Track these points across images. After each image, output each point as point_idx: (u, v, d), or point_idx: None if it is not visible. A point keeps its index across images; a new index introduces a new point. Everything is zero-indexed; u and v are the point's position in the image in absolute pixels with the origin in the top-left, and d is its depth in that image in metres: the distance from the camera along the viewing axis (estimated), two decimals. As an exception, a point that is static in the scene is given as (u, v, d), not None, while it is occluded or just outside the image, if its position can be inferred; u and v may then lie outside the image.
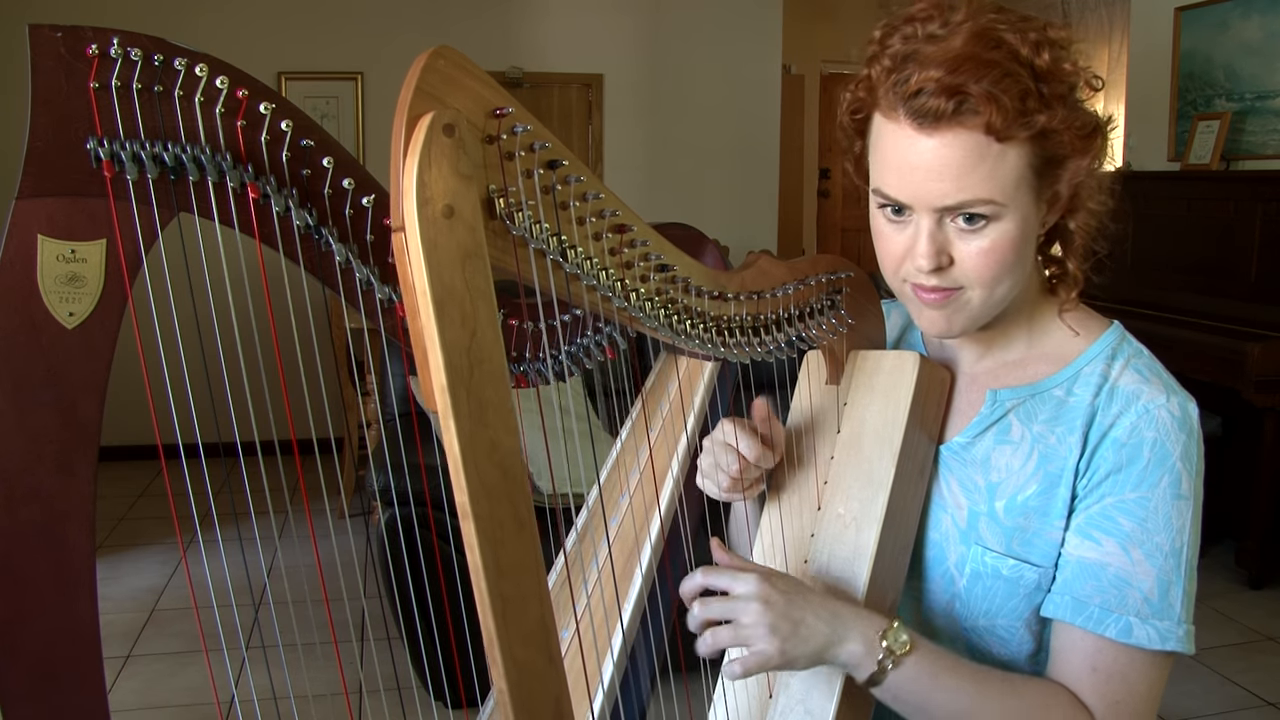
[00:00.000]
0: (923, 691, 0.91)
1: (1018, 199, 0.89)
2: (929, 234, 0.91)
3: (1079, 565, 0.95)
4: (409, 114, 0.69)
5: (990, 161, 0.87)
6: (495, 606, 0.73)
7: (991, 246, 0.91)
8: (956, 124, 0.86)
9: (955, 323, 0.97)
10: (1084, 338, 1.02)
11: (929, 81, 0.85)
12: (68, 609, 0.71)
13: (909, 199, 0.91)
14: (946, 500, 1.05)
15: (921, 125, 0.87)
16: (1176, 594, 0.93)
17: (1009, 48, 0.87)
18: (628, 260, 0.87)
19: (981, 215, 0.89)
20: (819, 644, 0.90)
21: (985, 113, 0.85)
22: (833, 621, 0.90)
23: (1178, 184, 4.47)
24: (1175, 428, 0.94)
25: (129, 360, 0.76)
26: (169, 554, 3.88)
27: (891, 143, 0.91)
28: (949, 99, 0.85)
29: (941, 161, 0.87)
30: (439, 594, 1.19)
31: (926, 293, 0.95)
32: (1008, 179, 0.88)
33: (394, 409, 3.13)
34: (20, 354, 0.69)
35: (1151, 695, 0.94)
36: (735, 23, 5.80)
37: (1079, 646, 0.94)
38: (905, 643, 0.91)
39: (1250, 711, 2.88)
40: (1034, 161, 0.89)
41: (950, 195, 0.89)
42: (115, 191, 0.70)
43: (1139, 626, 0.92)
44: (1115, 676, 0.93)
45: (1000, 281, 0.93)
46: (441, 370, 0.70)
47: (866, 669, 0.90)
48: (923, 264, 0.92)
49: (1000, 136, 0.86)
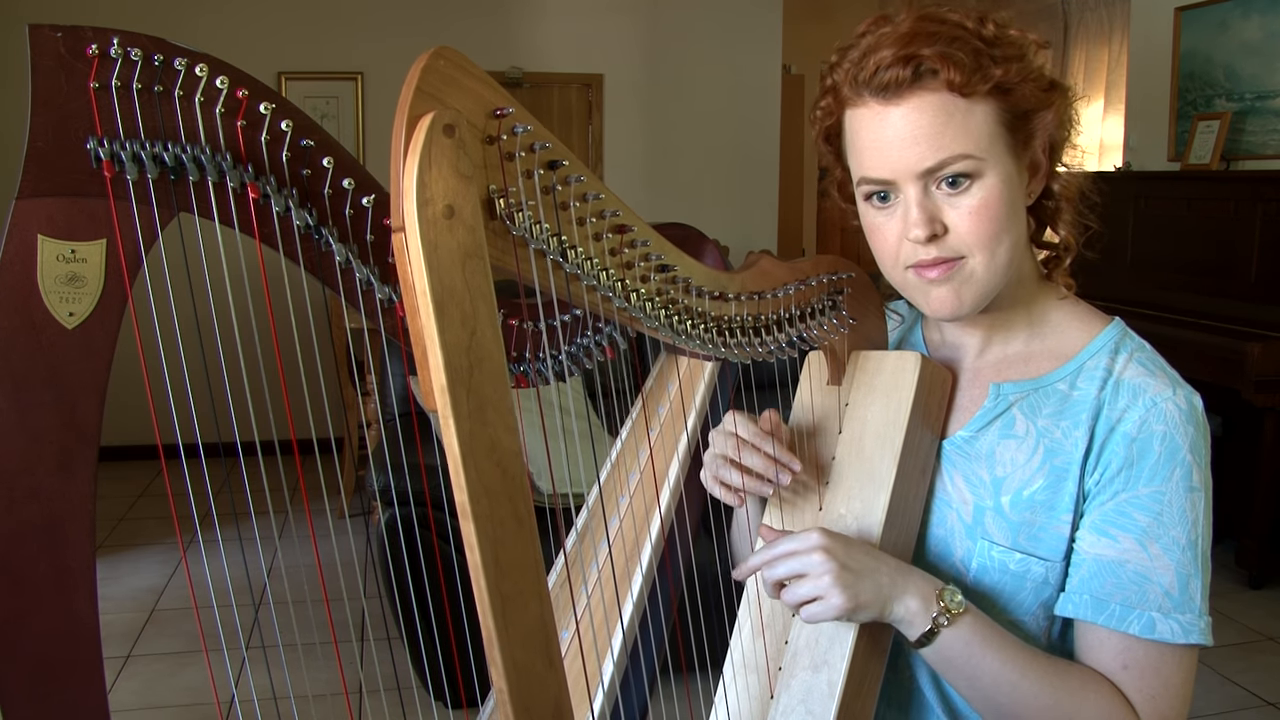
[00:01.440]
0: (972, 656, 0.93)
1: (995, 153, 0.92)
2: (918, 203, 0.93)
3: (1096, 563, 0.95)
4: (409, 114, 0.69)
5: (959, 117, 0.90)
6: (495, 606, 0.73)
7: (981, 204, 0.92)
8: (919, 88, 0.90)
9: (965, 296, 0.97)
10: (1086, 332, 1.03)
11: (884, 59, 0.90)
12: (68, 609, 0.71)
13: (890, 173, 0.93)
14: (951, 495, 1.05)
15: (887, 98, 0.91)
16: (1196, 586, 0.93)
17: (953, 22, 0.92)
18: (628, 260, 0.86)
19: (964, 175, 0.92)
20: (882, 594, 0.93)
21: (943, 70, 0.89)
22: (892, 573, 0.94)
23: (1178, 184, 4.47)
24: (1183, 420, 0.94)
25: (129, 360, 0.76)
26: (169, 554, 3.88)
27: (864, 126, 0.94)
28: (905, 66, 0.89)
29: (912, 127, 0.91)
30: (439, 594, 1.19)
31: (929, 269, 0.96)
32: (980, 133, 0.91)
33: (394, 409, 3.13)
34: (20, 354, 0.69)
35: (1185, 687, 0.94)
36: (735, 23, 5.80)
37: (1106, 645, 0.94)
38: (961, 603, 0.93)
39: (1250, 711, 2.88)
40: (1002, 117, 0.92)
41: (928, 157, 0.91)
42: (115, 191, 0.70)
43: (1162, 621, 0.92)
44: (1149, 671, 0.93)
45: (999, 241, 0.94)
46: (441, 370, 0.70)
47: (921, 625, 0.92)
48: (918, 233, 0.93)
49: (963, 91, 0.90)
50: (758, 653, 1.06)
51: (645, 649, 1.16)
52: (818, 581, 0.92)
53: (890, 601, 0.93)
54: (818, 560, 0.92)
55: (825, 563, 0.92)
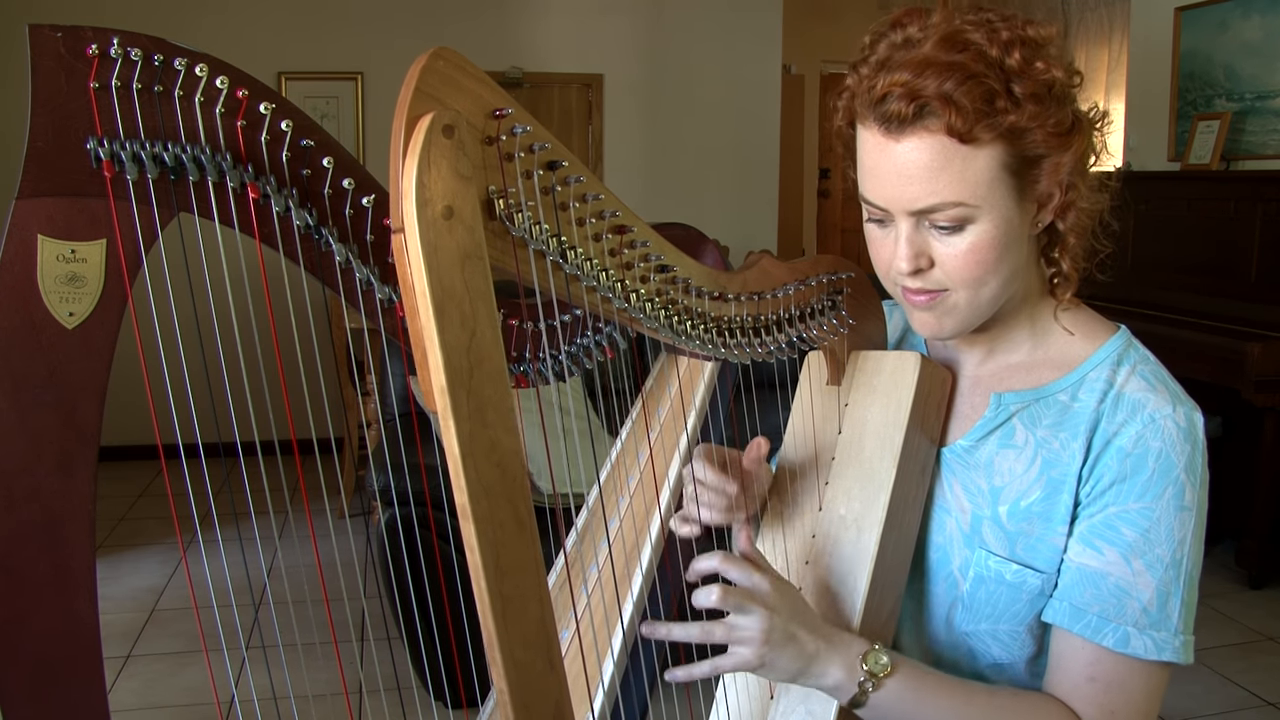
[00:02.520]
0: (907, 712, 0.93)
1: (992, 199, 0.90)
2: (907, 238, 0.93)
3: (1079, 573, 0.95)
4: (408, 115, 0.69)
5: (958, 163, 0.88)
6: (495, 606, 0.73)
7: (970, 248, 0.91)
8: (920, 128, 0.87)
9: (945, 325, 0.98)
10: (1090, 342, 1.02)
11: (893, 87, 0.87)
12: (68, 609, 0.71)
13: (884, 203, 0.93)
14: (950, 503, 1.05)
15: (888, 131, 0.89)
16: (1175, 605, 0.93)
17: (976, 49, 0.87)
18: (628, 261, 0.87)
19: (956, 220, 0.90)
20: (799, 665, 0.91)
21: (945, 115, 0.85)
22: (819, 645, 0.92)
23: (1178, 184, 4.47)
24: (1181, 439, 0.93)
25: (129, 360, 0.76)
26: (169, 554, 3.88)
27: (866, 149, 0.93)
28: (909, 103, 0.86)
29: (910, 165, 0.89)
30: (439, 594, 1.19)
31: (913, 295, 0.97)
32: (979, 180, 0.88)
33: (394, 409, 3.13)
34: (20, 354, 0.69)
35: (1149, 705, 0.94)
36: (735, 23, 5.80)
37: (1078, 655, 0.94)
38: (886, 665, 0.92)
39: (1250, 711, 2.88)
40: (1007, 162, 0.89)
41: (920, 199, 0.90)
42: (115, 191, 0.70)
43: (1136, 636, 0.92)
44: (1114, 686, 0.93)
45: (984, 282, 0.94)
46: (441, 370, 0.70)
47: (848, 691, 0.92)
48: (902, 266, 0.94)
49: (964, 139, 0.86)
50: (757, 653, 1.06)
51: (645, 649, 1.16)
52: (743, 634, 0.89)
53: (807, 674, 0.91)
54: (755, 618, 0.89)
55: (760, 623, 0.89)
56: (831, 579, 1.02)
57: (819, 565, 1.04)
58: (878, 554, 1.00)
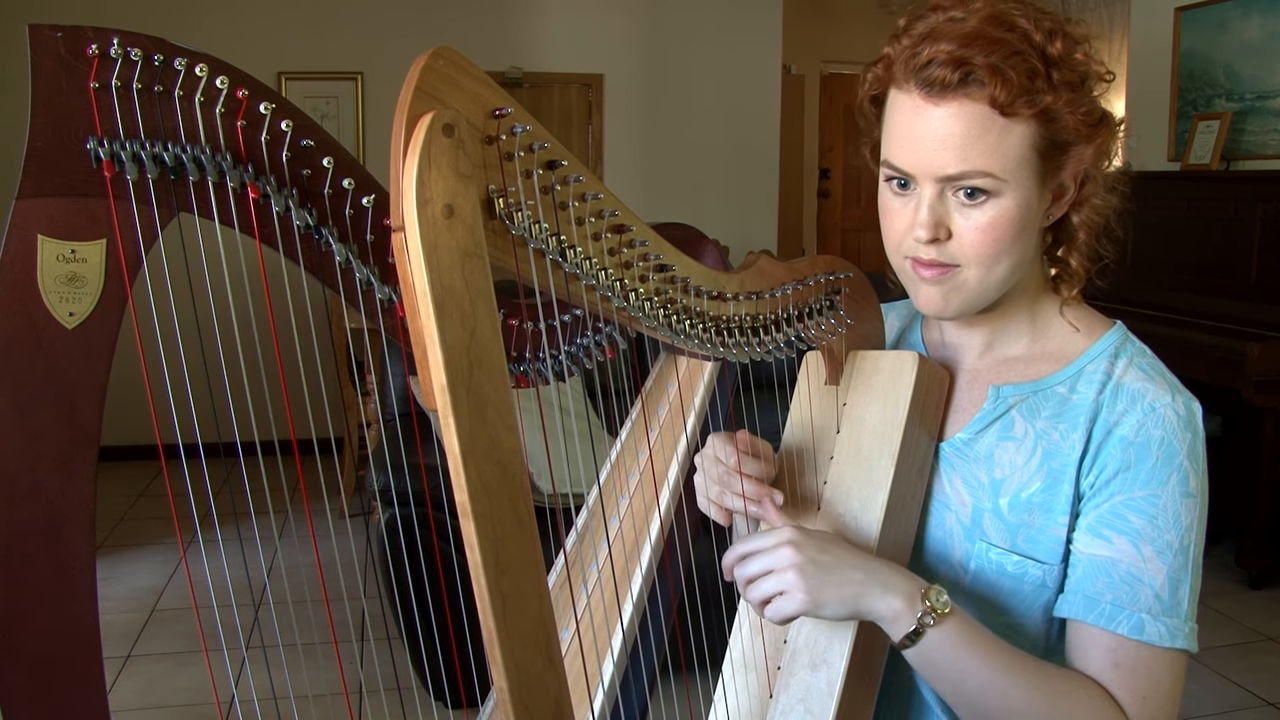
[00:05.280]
0: (959, 659, 0.90)
1: (1019, 177, 0.91)
2: (929, 204, 0.93)
3: (1090, 563, 0.95)
4: (409, 114, 0.69)
5: (994, 135, 0.89)
6: (495, 605, 0.73)
7: (991, 223, 0.92)
8: (963, 94, 0.89)
9: (951, 302, 0.98)
10: (1087, 336, 1.03)
11: (940, 54, 0.89)
12: (68, 609, 0.71)
13: (913, 168, 0.93)
14: (950, 497, 1.05)
15: (929, 94, 0.90)
16: (1184, 592, 0.93)
17: (1021, 31, 0.90)
18: (627, 260, 0.87)
19: (982, 190, 0.91)
20: (852, 590, 0.90)
21: (990, 85, 0.87)
22: (868, 570, 0.91)
23: (1178, 184, 4.47)
24: (1181, 426, 0.94)
25: (129, 360, 0.76)
26: (169, 554, 3.88)
27: (902, 113, 0.93)
28: (955, 70, 0.88)
29: (946, 131, 0.90)
30: (439, 594, 1.19)
31: (924, 268, 0.96)
32: (1010, 155, 0.90)
33: (394, 409, 3.13)
34: (20, 354, 0.69)
35: (1175, 690, 0.94)
36: (735, 23, 5.80)
37: (1097, 644, 0.94)
38: (947, 603, 0.91)
39: (1250, 711, 2.88)
40: (1038, 143, 0.91)
41: (952, 165, 0.90)
42: (115, 191, 0.70)
43: (1150, 623, 0.92)
44: (1140, 671, 0.93)
45: (997, 261, 0.94)
46: (441, 369, 0.70)
47: (906, 624, 0.90)
48: (921, 234, 0.94)
49: (1005, 111, 0.88)
50: (757, 652, 1.06)
51: (645, 649, 1.16)
52: (781, 576, 0.90)
53: (866, 597, 0.90)
54: (783, 555, 0.91)
55: (790, 557, 0.90)
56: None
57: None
58: (877, 552, 1.00)
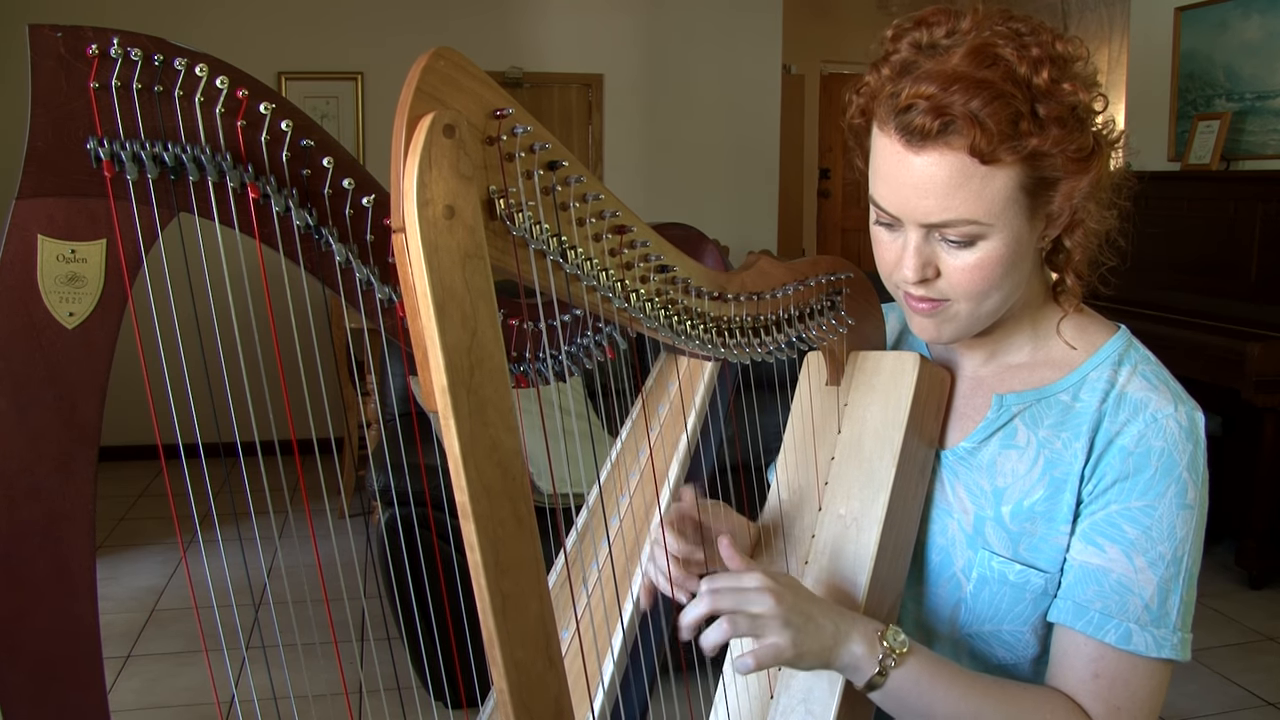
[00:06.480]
0: (924, 694, 0.91)
1: (1006, 218, 0.89)
2: (915, 248, 0.93)
3: (1082, 570, 0.95)
4: (409, 114, 0.69)
5: (976, 182, 0.87)
6: (495, 605, 0.73)
7: (978, 263, 0.92)
8: (942, 144, 0.86)
9: (944, 331, 0.99)
10: (1090, 343, 1.02)
11: (919, 99, 0.85)
12: (68, 609, 0.71)
13: (897, 212, 0.92)
14: (952, 505, 1.05)
15: (909, 142, 0.88)
16: (1174, 602, 0.93)
17: (1005, 66, 0.86)
18: (628, 261, 0.87)
19: (968, 236, 0.90)
20: (826, 641, 0.89)
21: (969, 135, 0.85)
22: (835, 620, 0.90)
23: (1178, 184, 4.47)
24: (1183, 438, 0.94)
25: (129, 360, 0.76)
26: (169, 554, 3.88)
27: (884, 156, 0.91)
28: (935, 119, 0.85)
29: (928, 179, 0.88)
30: (439, 594, 1.19)
31: (915, 301, 0.97)
32: (995, 200, 0.88)
33: (394, 409, 3.13)
34: (20, 354, 0.69)
35: (1153, 702, 0.94)
36: (735, 23, 5.80)
37: (1081, 651, 0.94)
38: (904, 642, 0.91)
39: (1250, 711, 2.88)
40: (1025, 182, 0.89)
41: (935, 213, 0.89)
42: (115, 191, 0.70)
43: (1138, 633, 0.92)
44: (1118, 682, 0.93)
45: (987, 296, 0.94)
46: (442, 370, 0.70)
47: (868, 670, 0.90)
48: (908, 275, 0.94)
49: (985, 159, 0.86)
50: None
51: (645, 649, 1.16)
52: (766, 622, 0.87)
53: (836, 647, 0.89)
54: (765, 601, 0.87)
55: (773, 605, 0.87)
56: (831, 578, 1.03)
57: (819, 564, 1.04)
58: (877, 552, 1.00)
